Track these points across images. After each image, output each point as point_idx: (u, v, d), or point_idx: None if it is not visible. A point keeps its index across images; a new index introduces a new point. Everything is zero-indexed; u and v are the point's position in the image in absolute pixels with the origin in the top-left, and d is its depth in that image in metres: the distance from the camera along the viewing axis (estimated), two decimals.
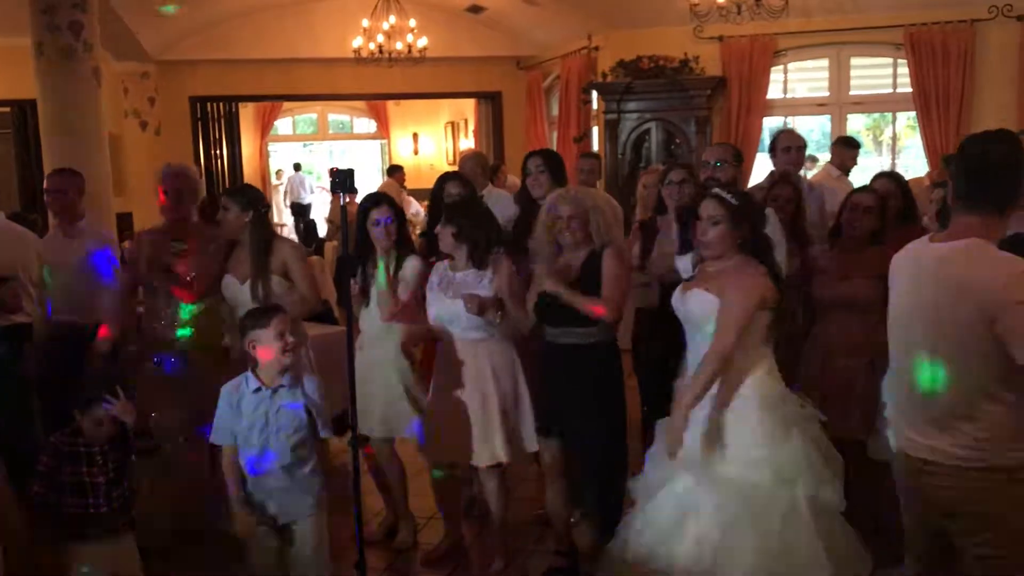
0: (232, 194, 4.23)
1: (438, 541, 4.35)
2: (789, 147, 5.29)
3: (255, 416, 3.24)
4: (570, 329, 3.74)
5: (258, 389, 3.26)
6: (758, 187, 5.17)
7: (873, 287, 3.77)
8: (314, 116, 18.81)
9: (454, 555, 4.30)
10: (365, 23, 10.15)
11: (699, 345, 3.20)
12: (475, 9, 11.29)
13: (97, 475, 3.23)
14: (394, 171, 13.44)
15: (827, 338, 4.08)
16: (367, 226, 4.10)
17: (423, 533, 4.54)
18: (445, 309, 3.90)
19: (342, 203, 2.86)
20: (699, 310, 3.20)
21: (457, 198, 4.43)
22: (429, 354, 4.25)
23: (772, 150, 5.46)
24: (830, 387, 3.98)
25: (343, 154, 20.24)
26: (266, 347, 3.21)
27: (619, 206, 5.36)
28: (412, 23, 10.21)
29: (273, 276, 4.11)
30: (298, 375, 3.33)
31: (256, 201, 4.14)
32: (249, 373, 3.29)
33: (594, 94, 10.24)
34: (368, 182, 14.68)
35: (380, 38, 10.19)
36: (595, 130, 10.58)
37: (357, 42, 10.26)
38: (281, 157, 19.39)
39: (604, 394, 3.74)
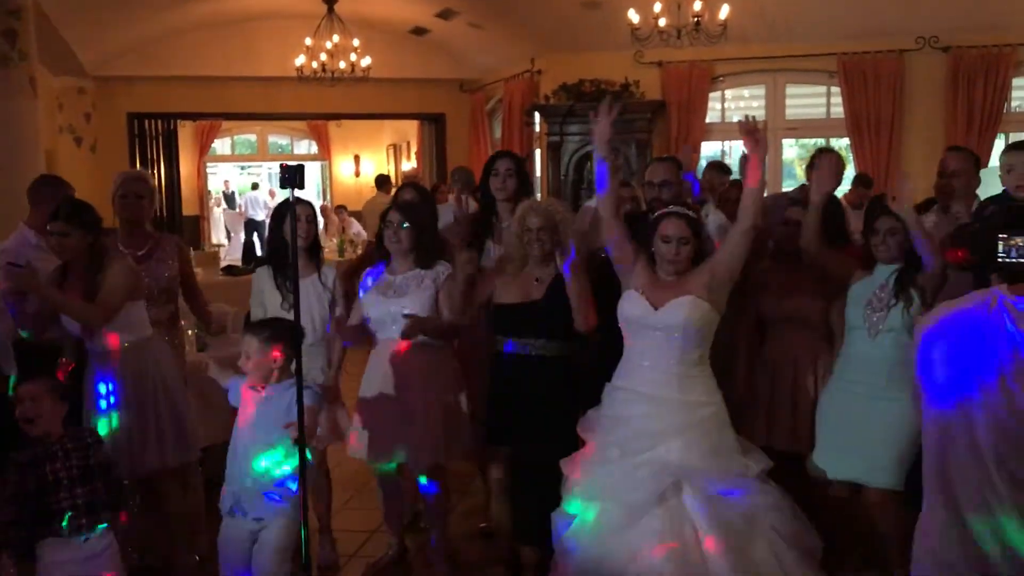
0: (70, 218, 3.82)
1: (380, 554, 4.31)
2: None
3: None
4: (532, 340, 3.77)
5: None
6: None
7: (817, 304, 3.93)
8: (253, 137, 18.66)
9: (398, 567, 4.26)
10: (308, 42, 10.14)
11: (666, 348, 3.32)
12: (419, 31, 11.36)
13: (60, 471, 3.23)
14: (383, 183, 12.94)
15: (774, 354, 4.15)
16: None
17: (367, 546, 4.49)
18: (385, 311, 3.91)
19: (291, 199, 2.85)
20: (682, 313, 3.30)
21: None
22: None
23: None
24: (779, 402, 4.06)
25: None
26: (252, 356, 3.40)
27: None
28: (355, 42, 10.23)
29: None
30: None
31: (97, 222, 3.90)
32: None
33: (537, 116, 10.35)
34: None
35: (323, 57, 10.18)
36: (537, 152, 10.69)
37: (299, 60, 10.23)
38: (219, 179, 19.24)
39: (563, 409, 3.75)
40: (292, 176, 2.71)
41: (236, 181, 19.91)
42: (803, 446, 3.86)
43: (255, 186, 17.93)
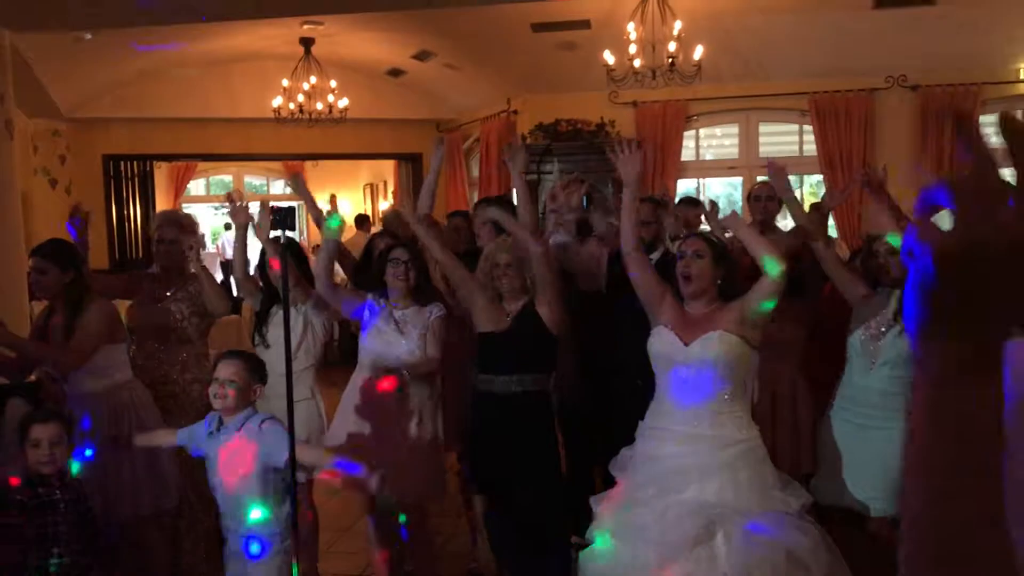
0: (47, 255, 3.86)
1: None
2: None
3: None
4: (513, 376, 3.77)
5: (213, 432, 3.36)
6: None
7: (798, 330, 3.99)
8: (229, 178, 18.62)
9: None
10: (285, 83, 10.19)
11: (697, 383, 3.27)
12: (395, 72, 11.44)
13: (59, 523, 3.19)
14: (362, 222, 13.20)
15: (762, 383, 4.18)
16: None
17: None
18: (385, 344, 3.90)
19: (282, 240, 2.86)
20: (713, 348, 3.26)
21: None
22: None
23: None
24: (780, 427, 4.08)
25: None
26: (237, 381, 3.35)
27: None
28: (333, 84, 10.29)
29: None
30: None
31: (76, 259, 3.94)
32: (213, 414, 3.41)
33: None
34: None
35: (300, 98, 10.23)
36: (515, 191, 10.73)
37: (277, 102, 10.27)
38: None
39: (546, 443, 3.75)
40: (283, 218, 2.73)
41: (211, 222, 19.83)
42: (807, 467, 3.90)
43: (228, 227, 17.90)
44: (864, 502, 3.57)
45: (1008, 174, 0.79)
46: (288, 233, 2.88)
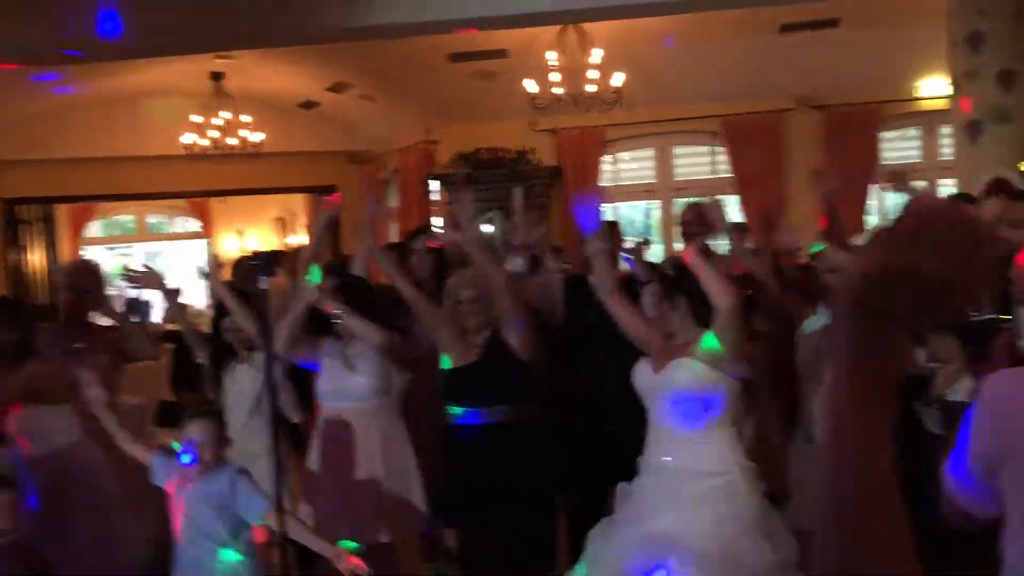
0: None
1: None
2: None
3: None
4: (485, 408, 3.74)
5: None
6: None
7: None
8: (130, 218, 18.04)
9: None
10: (196, 118, 9.96)
11: (670, 413, 3.24)
12: (308, 104, 11.31)
13: None
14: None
15: None
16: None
17: None
18: (339, 383, 3.85)
19: (263, 287, 2.78)
20: (678, 375, 3.21)
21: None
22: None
23: None
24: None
25: (159, 256, 19.56)
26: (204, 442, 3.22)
27: None
28: (245, 118, 10.11)
29: None
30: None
31: (23, 320, 3.85)
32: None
33: (436, 185, 10.41)
34: (190, 284, 14.16)
35: (213, 133, 10.01)
36: (439, 220, 10.72)
37: (188, 138, 10.03)
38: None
39: (524, 475, 3.71)
40: (265, 264, 2.66)
41: (109, 263, 19.16)
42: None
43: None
44: None
45: None
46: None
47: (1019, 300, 2.93)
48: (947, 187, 5.67)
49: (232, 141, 10.10)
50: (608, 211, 10.23)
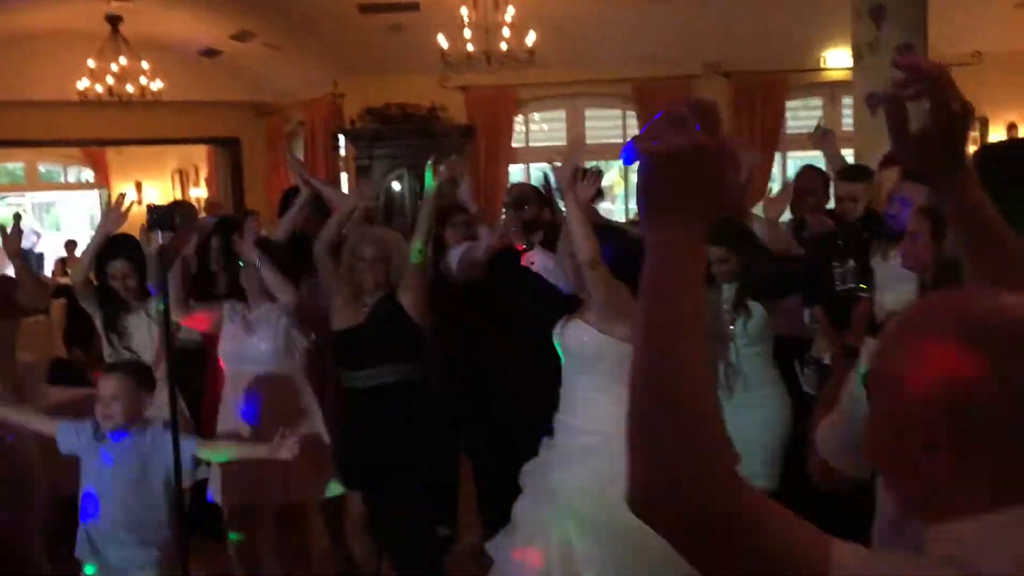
0: None
1: None
2: None
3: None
4: (375, 369, 3.69)
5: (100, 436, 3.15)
6: None
7: None
8: (20, 165, 17.21)
9: None
10: (91, 63, 9.50)
11: (569, 372, 3.24)
12: (210, 52, 10.91)
13: None
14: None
15: None
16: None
17: None
18: (240, 347, 3.76)
19: (161, 242, 2.65)
20: (571, 336, 3.20)
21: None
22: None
23: None
24: None
25: (52, 206, 18.78)
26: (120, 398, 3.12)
27: None
28: (144, 65, 9.69)
29: None
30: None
31: None
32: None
33: (343, 140, 10.21)
34: (83, 235, 13.64)
35: (109, 80, 9.57)
36: (344, 176, 10.54)
37: (83, 84, 9.56)
38: None
39: (417, 434, 3.68)
40: (162, 218, 2.54)
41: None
42: None
43: (18, 217, 16.51)
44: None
45: None
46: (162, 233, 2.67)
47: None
48: (847, 157, 5.81)
49: (130, 88, 9.66)
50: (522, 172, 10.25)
